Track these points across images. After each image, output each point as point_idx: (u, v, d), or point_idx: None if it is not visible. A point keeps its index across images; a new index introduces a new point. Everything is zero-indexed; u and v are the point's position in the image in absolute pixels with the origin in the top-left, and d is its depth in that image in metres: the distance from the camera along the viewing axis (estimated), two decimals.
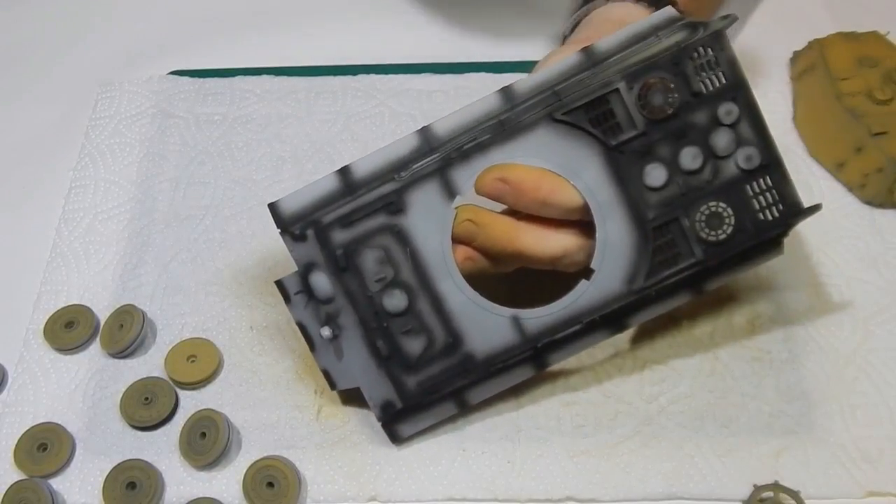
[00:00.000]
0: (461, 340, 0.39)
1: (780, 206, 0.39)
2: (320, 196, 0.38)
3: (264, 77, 0.56)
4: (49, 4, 0.62)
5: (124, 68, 0.57)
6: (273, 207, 0.39)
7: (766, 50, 0.55)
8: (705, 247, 0.39)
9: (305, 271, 0.39)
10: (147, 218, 0.50)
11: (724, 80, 0.38)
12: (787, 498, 0.40)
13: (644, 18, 0.39)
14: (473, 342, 0.39)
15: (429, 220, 0.38)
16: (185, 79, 0.56)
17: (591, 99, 0.37)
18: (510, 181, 0.37)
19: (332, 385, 0.40)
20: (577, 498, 0.41)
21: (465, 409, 0.42)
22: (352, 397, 0.43)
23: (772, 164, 0.38)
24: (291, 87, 0.55)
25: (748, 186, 0.38)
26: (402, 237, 0.38)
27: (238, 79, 0.56)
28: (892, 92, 0.48)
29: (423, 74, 0.56)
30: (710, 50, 0.37)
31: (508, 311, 0.39)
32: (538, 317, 0.39)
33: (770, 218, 0.39)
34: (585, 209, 0.38)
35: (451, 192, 0.38)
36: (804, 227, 0.48)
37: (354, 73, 0.56)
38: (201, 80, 0.56)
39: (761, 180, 0.38)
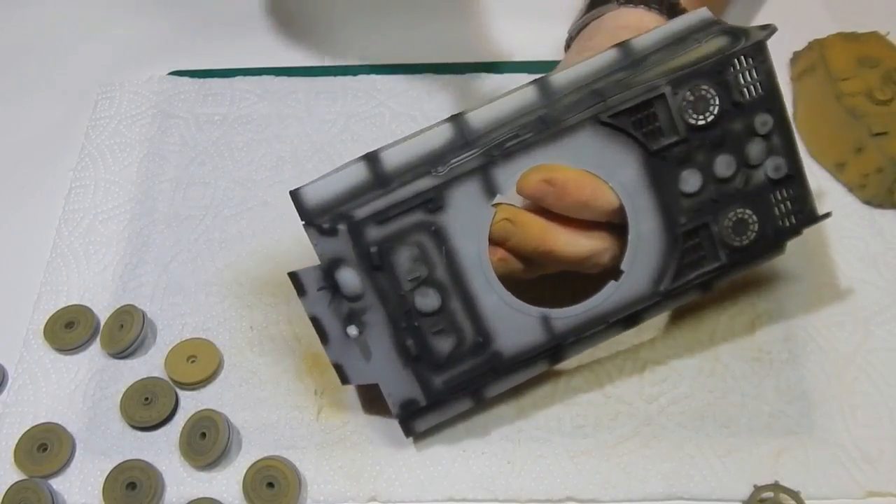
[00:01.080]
0: (490, 340, 0.39)
1: (799, 215, 0.40)
2: (348, 187, 0.37)
3: (264, 77, 0.56)
4: (49, 5, 0.62)
5: (124, 68, 0.57)
6: (296, 196, 0.36)
7: None
8: (729, 251, 0.39)
9: (330, 267, 0.37)
10: (147, 218, 0.50)
11: (761, 91, 0.38)
12: (788, 498, 0.40)
13: (678, 18, 0.39)
14: (502, 341, 0.39)
15: (467, 218, 0.37)
16: (185, 79, 0.56)
17: (636, 103, 0.37)
18: (556, 183, 0.37)
19: (345, 380, 0.39)
20: (577, 498, 0.41)
21: (481, 404, 0.41)
22: (352, 398, 0.44)
23: (796, 174, 0.39)
24: (291, 87, 0.55)
25: (772, 195, 0.39)
26: (439, 235, 0.37)
27: (238, 79, 0.56)
28: (892, 92, 0.48)
29: (423, 74, 0.56)
30: (751, 60, 0.38)
31: (538, 311, 0.39)
32: (567, 317, 0.39)
33: (788, 224, 0.40)
34: (619, 212, 0.38)
35: (491, 190, 0.37)
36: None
37: (354, 74, 0.56)
38: (201, 80, 0.56)
39: (784, 189, 0.39)
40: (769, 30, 0.38)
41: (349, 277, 0.37)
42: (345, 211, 0.36)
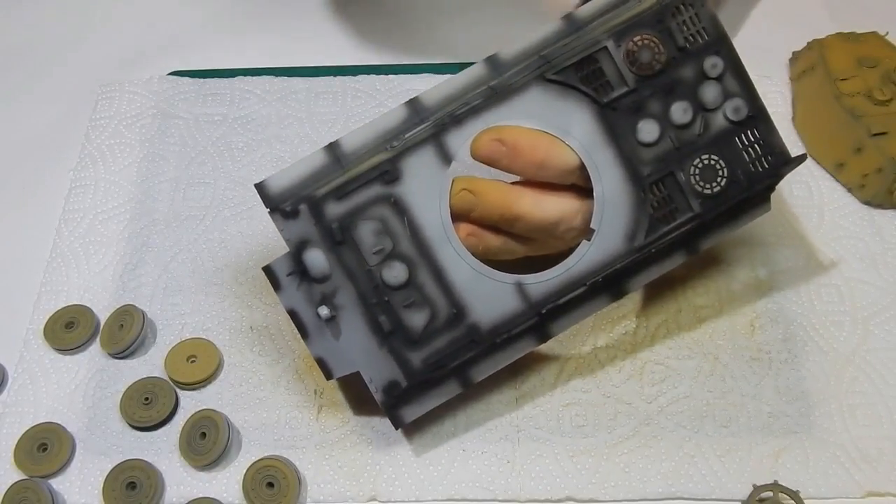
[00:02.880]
0: (465, 311, 0.38)
1: (769, 157, 0.40)
2: (309, 172, 0.38)
3: (264, 77, 0.56)
4: (49, 5, 0.62)
5: (124, 69, 0.57)
6: (260, 187, 0.38)
7: (765, 50, 0.55)
8: (701, 200, 0.39)
9: (298, 250, 0.38)
10: (147, 218, 0.50)
11: (706, 36, 0.39)
12: (787, 498, 0.40)
13: None
14: (478, 312, 0.39)
15: (425, 187, 0.38)
16: (186, 79, 0.56)
17: (580, 58, 0.38)
18: (507, 142, 0.37)
19: (329, 374, 0.39)
20: (577, 498, 0.41)
21: (468, 388, 0.40)
22: (352, 397, 0.44)
23: (758, 115, 0.39)
24: (291, 88, 0.55)
25: (737, 138, 0.39)
26: (399, 207, 0.38)
27: (238, 79, 0.56)
28: (891, 92, 0.48)
29: (423, 74, 0.56)
30: (690, 7, 0.39)
31: (511, 278, 0.39)
32: (542, 281, 0.39)
33: (760, 169, 0.40)
34: (581, 171, 0.38)
35: (446, 157, 0.38)
36: (804, 227, 0.48)
37: (354, 74, 0.56)
38: (201, 80, 0.56)
39: (749, 132, 0.40)
40: None
41: (315, 257, 0.38)
42: (307, 193, 0.37)
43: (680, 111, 0.39)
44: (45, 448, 0.42)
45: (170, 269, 0.48)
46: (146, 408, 0.43)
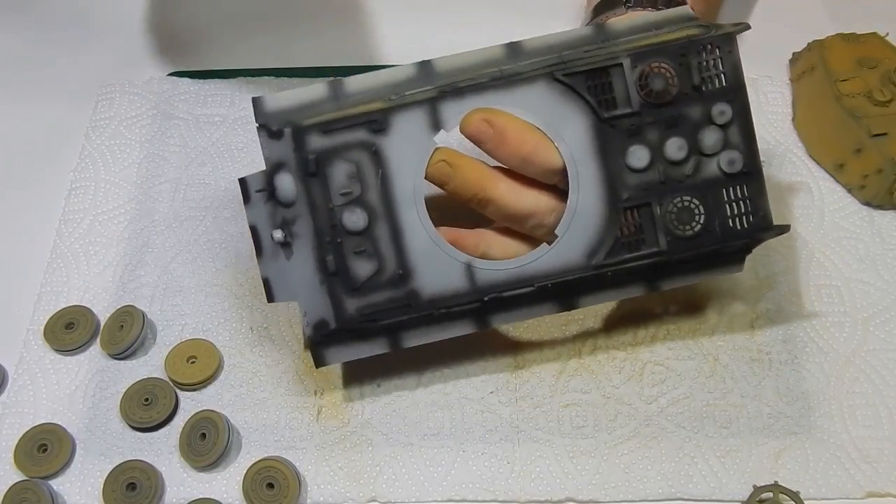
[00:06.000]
0: (411, 275, 0.39)
1: (751, 218, 0.39)
2: (307, 100, 0.39)
3: (264, 78, 0.56)
4: (49, 6, 0.62)
5: (124, 70, 0.57)
6: (256, 102, 0.38)
7: (765, 50, 0.55)
8: (670, 239, 0.39)
9: (273, 171, 0.38)
10: (147, 219, 0.50)
11: (724, 82, 0.38)
12: (787, 498, 0.40)
13: (660, 11, 0.40)
14: (422, 279, 0.39)
15: (408, 147, 0.38)
16: (186, 80, 0.56)
17: (593, 67, 0.38)
18: (496, 125, 0.37)
19: (270, 297, 0.39)
20: (577, 498, 0.41)
21: (398, 351, 0.41)
22: (351, 398, 0.44)
23: (752, 173, 0.39)
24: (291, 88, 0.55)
25: (724, 191, 0.39)
26: (378, 158, 0.38)
27: (238, 80, 0.56)
28: (891, 93, 0.48)
29: None
30: (717, 49, 0.38)
31: (464, 257, 0.39)
32: (491, 269, 0.39)
33: (739, 227, 0.39)
34: (563, 174, 0.38)
35: (436, 124, 0.38)
36: (804, 228, 0.48)
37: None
38: (201, 81, 0.56)
39: (738, 187, 0.39)
40: (741, 26, 0.39)
41: (286, 181, 0.38)
42: (296, 119, 0.38)
43: (675, 147, 0.38)
44: (45, 449, 0.42)
45: (170, 270, 0.48)
46: (146, 408, 0.43)
